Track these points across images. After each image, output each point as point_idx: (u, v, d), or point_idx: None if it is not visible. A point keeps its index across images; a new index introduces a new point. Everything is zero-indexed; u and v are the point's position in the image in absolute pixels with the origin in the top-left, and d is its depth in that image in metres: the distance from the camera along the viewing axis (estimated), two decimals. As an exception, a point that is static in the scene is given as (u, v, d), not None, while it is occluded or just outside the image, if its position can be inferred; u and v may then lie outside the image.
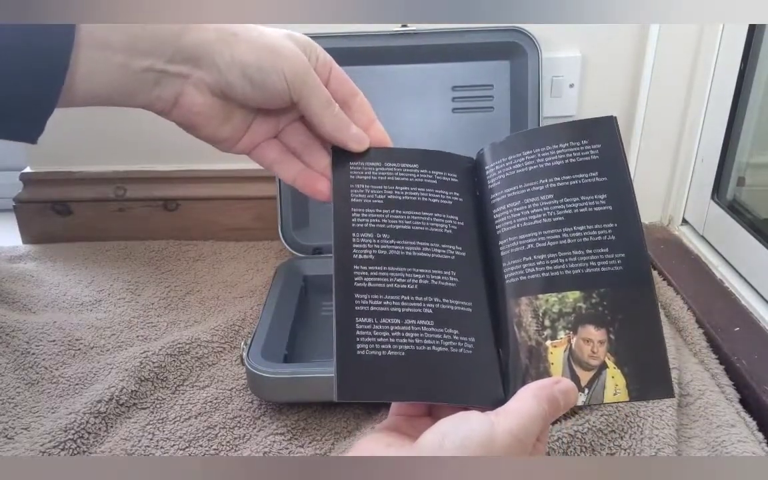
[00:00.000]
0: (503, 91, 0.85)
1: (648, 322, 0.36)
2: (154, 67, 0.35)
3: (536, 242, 0.39)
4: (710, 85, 0.83)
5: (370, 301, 0.36)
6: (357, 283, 0.36)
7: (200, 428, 0.61)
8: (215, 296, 0.83)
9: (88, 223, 0.97)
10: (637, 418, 0.58)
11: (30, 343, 0.71)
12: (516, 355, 0.37)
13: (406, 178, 0.41)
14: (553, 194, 0.39)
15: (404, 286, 0.37)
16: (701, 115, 0.84)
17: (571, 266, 0.38)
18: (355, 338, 0.35)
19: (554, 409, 0.34)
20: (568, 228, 0.38)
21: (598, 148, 0.40)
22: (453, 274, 0.39)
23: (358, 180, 0.40)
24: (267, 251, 0.93)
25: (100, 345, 0.73)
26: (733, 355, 0.65)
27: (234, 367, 0.70)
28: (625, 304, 0.36)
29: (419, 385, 0.35)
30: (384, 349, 0.35)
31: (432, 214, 0.40)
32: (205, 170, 0.95)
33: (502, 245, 0.40)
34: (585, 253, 0.38)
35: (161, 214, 0.96)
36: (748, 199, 0.80)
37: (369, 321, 0.36)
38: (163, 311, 0.80)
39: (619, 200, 0.39)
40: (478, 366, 0.37)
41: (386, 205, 0.39)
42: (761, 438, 0.58)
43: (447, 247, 0.39)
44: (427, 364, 0.35)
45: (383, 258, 0.38)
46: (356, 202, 0.39)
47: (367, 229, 0.38)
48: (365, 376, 0.34)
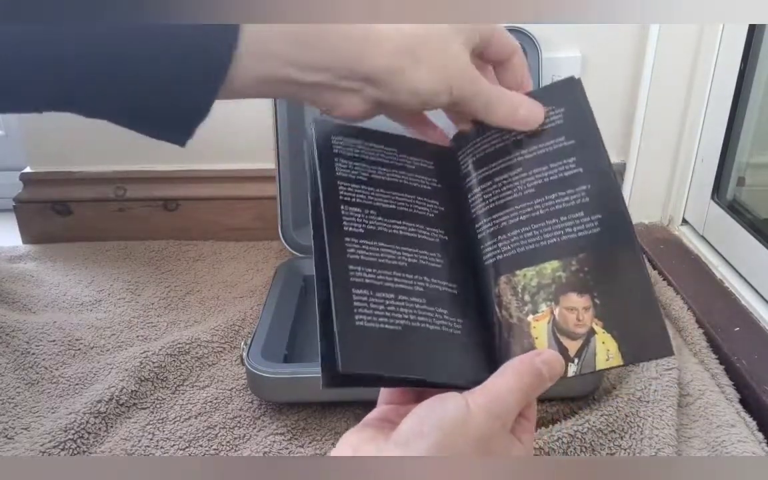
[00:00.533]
0: (503, 91, 0.85)
1: (634, 281, 0.35)
2: (324, 83, 0.34)
3: (509, 219, 0.38)
4: (710, 85, 0.83)
5: (365, 274, 0.35)
6: (350, 256, 0.35)
7: (200, 428, 0.61)
8: (215, 296, 0.83)
9: (88, 223, 0.97)
10: (637, 418, 0.58)
11: (30, 343, 0.71)
12: (500, 335, 0.36)
13: (387, 161, 0.40)
14: (521, 167, 0.39)
15: (395, 263, 0.36)
16: (701, 115, 0.84)
17: (546, 237, 0.36)
18: (353, 309, 0.33)
19: (538, 382, 0.33)
20: (540, 198, 0.37)
21: (561, 112, 0.39)
22: (438, 256, 0.38)
23: (341, 155, 0.39)
24: (267, 251, 0.93)
25: (100, 345, 0.73)
26: (733, 355, 0.65)
27: (234, 367, 0.70)
28: (607, 266, 0.35)
29: (416, 362, 0.34)
30: (381, 322, 0.34)
31: (414, 197, 0.39)
32: (205, 170, 0.95)
33: (478, 227, 0.39)
34: (559, 220, 0.36)
35: (161, 214, 0.96)
36: (748, 199, 0.80)
37: (366, 293, 0.34)
38: (163, 311, 0.80)
39: (590, 161, 0.37)
40: (467, 347, 0.36)
41: (371, 183, 0.39)
42: (761, 438, 0.58)
43: (431, 230, 0.39)
44: (422, 341, 0.34)
45: (373, 233, 0.37)
46: (342, 176, 0.38)
47: (356, 204, 0.37)
48: (367, 348, 0.33)
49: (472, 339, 0.36)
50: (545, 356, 0.34)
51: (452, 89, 0.36)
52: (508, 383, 0.33)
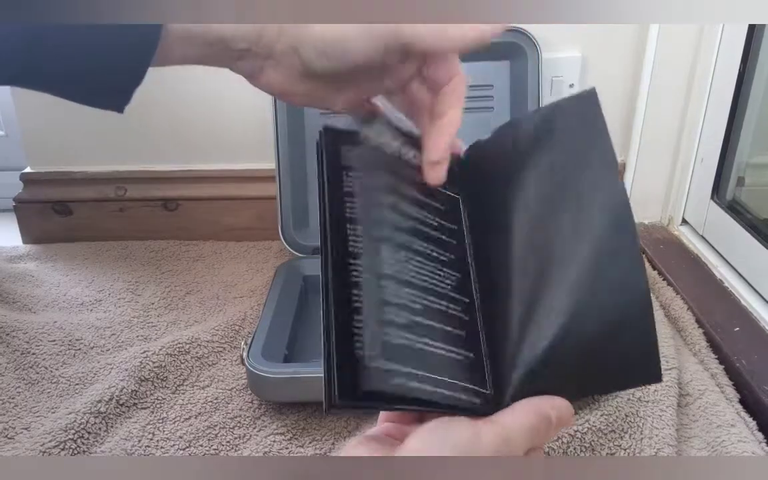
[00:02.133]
0: (503, 91, 0.85)
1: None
2: (240, 47, 0.36)
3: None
4: (710, 85, 0.83)
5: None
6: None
7: (200, 428, 0.61)
8: (215, 296, 0.83)
9: (88, 223, 0.97)
10: (637, 418, 0.58)
11: (30, 343, 0.71)
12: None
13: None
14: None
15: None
16: (701, 115, 0.84)
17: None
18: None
19: (545, 425, 0.33)
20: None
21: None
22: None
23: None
24: (267, 251, 0.93)
25: (100, 345, 0.73)
26: (733, 355, 0.65)
27: (234, 367, 0.70)
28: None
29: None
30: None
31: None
32: (205, 170, 0.95)
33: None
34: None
35: (161, 214, 0.96)
36: (748, 199, 0.80)
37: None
38: (163, 311, 0.80)
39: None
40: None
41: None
42: (761, 438, 0.58)
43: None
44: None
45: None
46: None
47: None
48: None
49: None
50: (557, 402, 0.34)
51: (385, 44, 0.35)
52: (518, 418, 0.32)
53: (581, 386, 0.34)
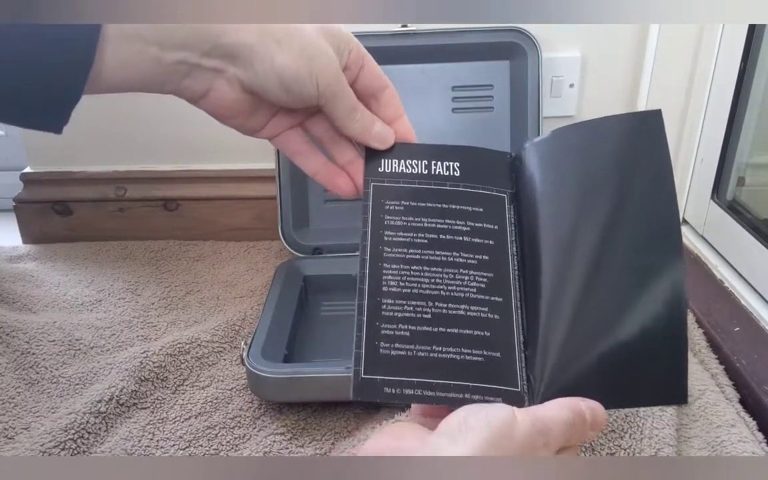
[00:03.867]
0: (503, 91, 0.85)
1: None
2: (187, 61, 0.35)
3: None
4: (710, 85, 0.83)
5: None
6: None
7: (200, 428, 0.61)
8: (215, 296, 0.83)
9: (88, 223, 0.97)
10: (637, 418, 0.58)
11: (30, 343, 0.71)
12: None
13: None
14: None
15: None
16: (701, 115, 0.84)
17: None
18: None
19: (580, 421, 0.34)
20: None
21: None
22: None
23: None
24: (267, 251, 0.93)
25: (100, 345, 0.73)
26: (733, 355, 0.65)
27: (234, 367, 0.70)
28: None
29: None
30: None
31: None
32: (205, 170, 0.95)
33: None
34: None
35: (161, 214, 0.96)
36: (748, 199, 0.80)
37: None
38: (163, 311, 0.80)
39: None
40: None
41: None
42: (761, 438, 0.58)
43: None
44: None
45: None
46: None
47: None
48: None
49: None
50: (591, 404, 0.34)
51: (318, 81, 0.36)
52: (554, 410, 0.33)
53: (610, 395, 0.35)
